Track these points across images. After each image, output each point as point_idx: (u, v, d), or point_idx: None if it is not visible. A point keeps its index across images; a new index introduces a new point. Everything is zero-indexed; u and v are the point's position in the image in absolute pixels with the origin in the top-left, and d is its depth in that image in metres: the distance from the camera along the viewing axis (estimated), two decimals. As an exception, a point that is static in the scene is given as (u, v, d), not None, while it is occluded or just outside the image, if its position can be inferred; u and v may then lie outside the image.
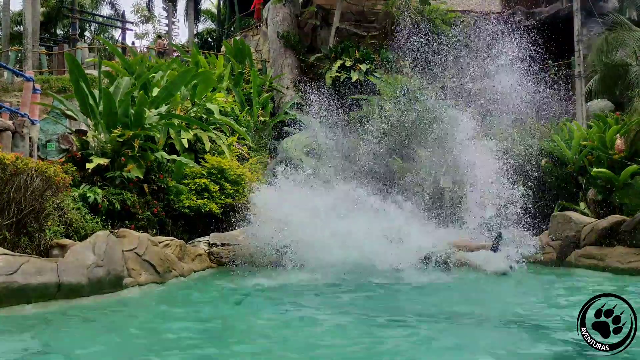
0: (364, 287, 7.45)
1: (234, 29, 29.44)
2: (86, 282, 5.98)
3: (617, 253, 7.53)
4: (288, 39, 21.07)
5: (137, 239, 7.36)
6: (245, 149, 13.82)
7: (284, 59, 20.86)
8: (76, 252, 6.21)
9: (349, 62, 19.33)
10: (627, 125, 9.43)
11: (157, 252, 7.56)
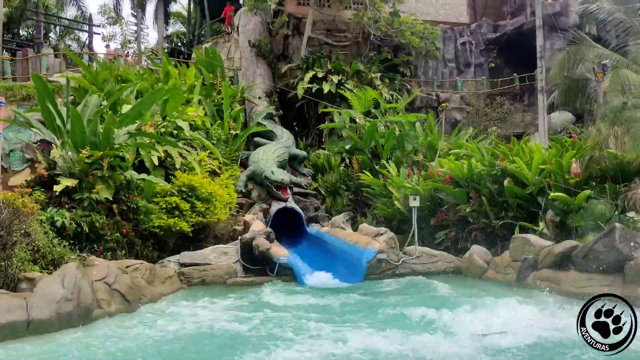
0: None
1: (204, 34, 29.31)
2: (56, 317, 6.01)
3: (570, 277, 7.91)
4: (260, 47, 21.14)
5: (107, 268, 7.40)
6: (216, 163, 13.89)
7: (256, 68, 20.92)
8: (45, 286, 6.23)
9: (320, 73, 19.50)
10: (582, 150, 9.87)
11: (126, 280, 7.61)
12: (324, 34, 22.09)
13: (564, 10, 22.72)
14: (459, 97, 22.73)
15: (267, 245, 10.56)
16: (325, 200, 15.95)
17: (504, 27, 24.54)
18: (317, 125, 19.65)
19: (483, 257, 10.18)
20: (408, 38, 21.11)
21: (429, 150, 16.01)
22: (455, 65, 24.32)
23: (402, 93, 21.26)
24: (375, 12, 21.28)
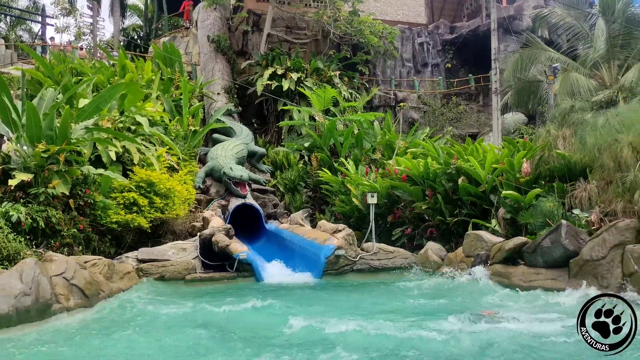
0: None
1: (162, 28, 28.85)
2: (14, 312, 5.91)
3: (519, 272, 8.28)
4: (219, 43, 20.98)
5: (65, 263, 7.29)
6: (175, 159, 13.77)
7: (215, 64, 20.75)
8: (3, 280, 6.10)
9: (280, 71, 19.54)
10: (533, 150, 10.30)
11: (85, 276, 7.51)
12: (283, 31, 22.14)
13: (518, 13, 23.51)
14: (416, 97, 23.20)
15: (226, 241, 10.56)
16: (284, 197, 16.04)
17: (461, 29, 25.18)
18: (276, 123, 19.69)
19: (438, 253, 10.48)
20: (367, 37, 21.38)
21: (387, 149, 16.31)
22: (413, 65, 24.81)
23: (360, 92, 21.54)
24: (334, 11, 21.48)
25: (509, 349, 4.94)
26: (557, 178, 9.73)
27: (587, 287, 7.09)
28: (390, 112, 20.32)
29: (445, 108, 22.59)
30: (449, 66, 25.22)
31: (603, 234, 7.42)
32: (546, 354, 4.75)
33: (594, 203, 8.53)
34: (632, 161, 8.24)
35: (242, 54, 21.96)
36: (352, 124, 17.40)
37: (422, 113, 22.79)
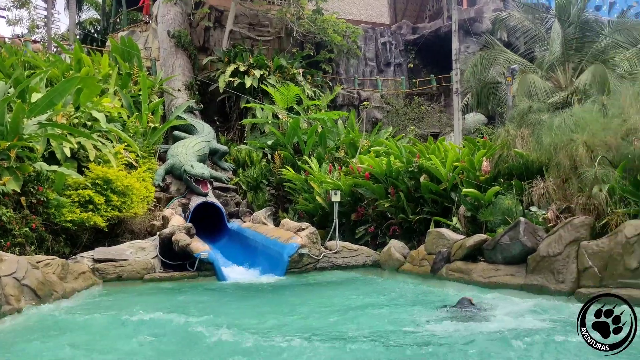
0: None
1: (120, 22, 28.16)
2: (-39, 313, 5.65)
3: (480, 268, 8.40)
4: (179, 38, 20.60)
5: (16, 263, 6.98)
6: (133, 156, 13.43)
7: (175, 60, 20.37)
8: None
9: (242, 67, 19.33)
10: (492, 149, 10.47)
11: (37, 276, 7.22)
12: (246, 28, 21.94)
13: (478, 16, 23.94)
14: (379, 96, 23.35)
15: (187, 240, 10.36)
16: (247, 195, 15.86)
17: (423, 30, 25.46)
18: (239, 120, 19.48)
19: (400, 251, 10.54)
20: (330, 36, 21.40)
21: (350, 147, 16.32)
22: (376, 65, 24.96)
23: (324, 90, 21.53)
24: (298, 9, 21.41)
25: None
26: (516, 176, 9.91)
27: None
28: (353, 111, 20.39)
29: (408, 108, 22.81)
30: (411, 66, 25.49)
31: (559, 231, 7.57)
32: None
33: (551, 200, 8.71)
34: (586, 160, 8.45)
35: (204, 50, 21.64)
36: (315, 122, 17.35)
37: (385, 112, 22.96)
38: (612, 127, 8.50)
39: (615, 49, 16.95)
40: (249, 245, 12.34)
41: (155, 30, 22.16)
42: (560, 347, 4.67)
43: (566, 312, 6.16)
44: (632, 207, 7.53)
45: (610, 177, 7.83)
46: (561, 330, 5.27)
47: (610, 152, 8.41)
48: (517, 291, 7.52)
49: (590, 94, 14.03)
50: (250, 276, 10.30)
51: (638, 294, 6.21)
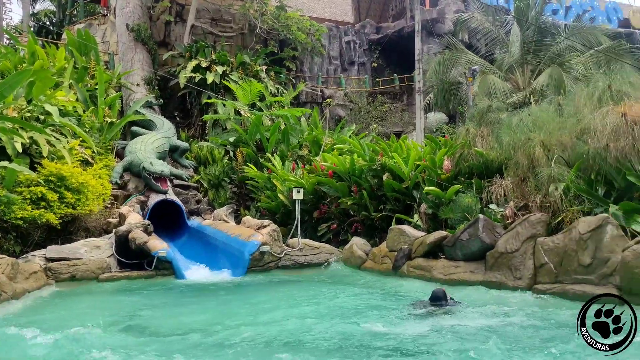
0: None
1: (77, 14, 27.32)
2: None
3: (440, 265, 8.47)
4: (139, 32, 20.11)
5: (-40, 262, 6.65)
6: (89, 152, 13.03)
7: (134, 54, 19.88)
8: None
9: (204, 63, 19.03)
10: (453, 148, 10.58)
11: (-17, 276, 6.90)
12: (208, 23, 21.62)
13: (441, 17, 24.23)
14: (343, 94, 23.38)
15: (144, 238, 10.09)
16: (208, 193, 15.62)
17: (386, 29, 25.62)
18: (200, 116, 19.17)
19: (362, 248, 10.53)
20: (294, 33, 21.29)
21: (314, 145, 16.28)
22: (340, 63, 24.97)
23: (287, 87, 21.42)
24: (261, 5, 21.23)
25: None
26: (476, 174, 10.04)
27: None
28: (317, 108, 20.33)
29: (371, 106, 22.92)
30: (375, 65, 25.61)
31: (517, 228, 7.69)
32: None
33: (509, 198, 8.85)
34: (543, 159, 8.61)
35: (164, 45, 21.21)
36: (278, 119, 17.24)
37: (349, 110, 23.01)
38: (568, 127, 8.70)
39: (571, 52, 17.41)
40: (210, 244, 12.14)
41: (114, 23, 21.58)
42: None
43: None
44: (586, 204, 7.71)
45: (565, 176, 8.01)
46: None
47: (566, 151, 8.59)
48: (476, 287, 7.58)
49: (547, 95, 14.35)
50: (210, 275, 10.11)
51: (591, 290, 6.34)
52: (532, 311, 6.11)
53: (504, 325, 5.44)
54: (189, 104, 19.85)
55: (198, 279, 9.76)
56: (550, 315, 5.88)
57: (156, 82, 19.66)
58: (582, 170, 8.21)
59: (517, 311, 6.07)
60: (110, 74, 18.01)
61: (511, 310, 6.12)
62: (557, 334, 5.05)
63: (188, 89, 19.04)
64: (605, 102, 8.43)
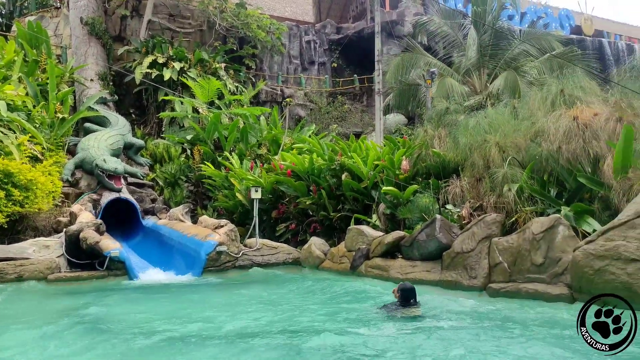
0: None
1: (28, 6, 26.32)
2: None
3: (397, 265, 8.53)
4: (93, 26, 19.52)
5: None
6: (39, 149, 12.54)
7: (88, 48, 19.28)
8: None
9: (161, 59, 18.62)
10: (411, 148, 10.68)
11: None
12: (166, 19, 21.18)
13: (400, 19, 24.48)
14: (303, 94, 23.32)
15: (96, 237, 9.78)
16: (164, 191, 15.28)
17: (347, 30, 25.71)
18: (156, 114, 18.75)
19: (321, 248, 10.51)
20: (254, 31, 21.11)
21: (273, 144, 16.16)
22: (300, 63, 24.91)
23: (247, 86, 21.21)
24: (221, 2, 20.95)
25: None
26: (433, 175, 10.15)
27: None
28: (276, 107, 20.20)
29: (331, 107, 22.95)
30: (335, 65, 25.66)
31: (472, 228, 7.79)
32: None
33: (465, 199, 8.97)
34: (498, 160, 8.77)
35: (120, 40, 20.66)
36: (237, 117, 17.03)
37: (309, 110, 22.97)
38: (522, 129, 8.89)
39: (526, 56, 17.87)
40: (165, 243, 11.87)
41: (67, 16, 20.91)
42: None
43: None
44: (539, 205, 7.89)
45: (519, 177, 8.17)
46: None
47: (520, 153, 8.78)
48: (433, 287, 7.65)
49: (502, 98, 14.67)
50: (165, 275, 9.88)
51: (543, 289, 6.49)
52: (485, 310, 6.19)
53: (454, 328, 5.47)
54: (145, 100, 19.39)
55: (152, 279, 9.53)
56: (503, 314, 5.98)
57: (111, 78, 19.14)
58: (535, 172, 8.40)
59: (470, 312, 6.13)
60: (62, 68, 17.42)
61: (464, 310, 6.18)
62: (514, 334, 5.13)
63: (144, 86, 18.59)
64: (558, 105, 8.66)
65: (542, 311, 5.92)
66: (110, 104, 18.33)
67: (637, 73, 9.00)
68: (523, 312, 5.96)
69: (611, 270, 5.73)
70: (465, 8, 25.48)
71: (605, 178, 7.44)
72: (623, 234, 5.82)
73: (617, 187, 7.14)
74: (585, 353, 4.21)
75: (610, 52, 26.29)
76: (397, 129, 20.92)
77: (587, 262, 6.01)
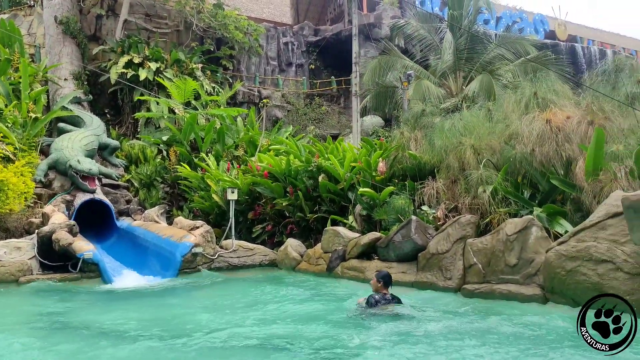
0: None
1: (1, 4, 25.79)
2: None
3: (373, 266, 8.55)
4: (68, 25, 19.18)
5: None
6: (10, 149, 12.28)
7: (62, 47, 18.94)
8: None
9: (137, 59, 18.39)
10: (388, 150, 10.75)
11: None
12: (142, 19, 20.94)
13: (378, 22, 24.59)
14: (280, 95, 23.27)
15: (69, 239, 9.61)
16: (139, 192, 15.10)
17: (324, 32, 25.74)
18: (132, 114, 18.51)
19: (297, 250, 10.50)
20: (231, 32, 21.00)
21: (250, 146, 16.10)
22: (278, 64, 24.85)
23: (224, 87, 21.09)
24: (198, 2, 20.80)
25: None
26: (409, 177, 10.22)
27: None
28: (253, 108, 20.12)
29: (309, 108, 22.95)
30: (313, 67, 25.67)
31: (447, 229, 7.87)
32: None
33: (441, 200, 9.06)
34: (473, 162, 8.88)
35: (95, 39, 20.35)
36: (214, 118, 16.92)
37: (286, 112, 22.94)
38: (497, 132, 9.01)
39: (501, 60, 18.13)
40: (140, 245, 11.72)
41: (41, 15, 20.53)
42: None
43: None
44: (513, 207, 8.00)
45: (494, 179, 8.28)
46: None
47: (495, 155, 8.90)
48: (408, 288, 7.69)
49: (478, 101, 14.85)
50: (139, 277, 9.75)
51: (516, 289, 6.58)
52: (459, 311, 6.25)
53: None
54: (120, 100, 19.14)
55: (126, 281, 9.40)
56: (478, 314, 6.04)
57: (85, 78, 18.84)
58: (509, 174, 8.52)
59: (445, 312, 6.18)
60: (35, 67, 17.11)
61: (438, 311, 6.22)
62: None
63: (120, 86, 18.35)
64: (531, 108, 8.80)
65: (514, 312, 6.00)
66: (85, 103, 18.05)
67: (609, 77, 9.21)
68: (496, 313, 6.03)
69: (582, 271, 5.84)
70: (442, 12, 25.72)
71: (577, 180, 7.59)
72: (594, 235, 5.94)
73: (588, 189, 7.29)
74: (560, 352, 4.27)
75: (583, 56, 26.82)
76: (374, 130, 21.01)
77: (559, 263, 6.11)
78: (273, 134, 17.72)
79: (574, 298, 5.96)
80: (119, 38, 19.49)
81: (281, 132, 18.08)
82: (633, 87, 8.38)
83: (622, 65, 9.67)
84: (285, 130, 18.36)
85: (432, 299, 6.98)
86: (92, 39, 20.25)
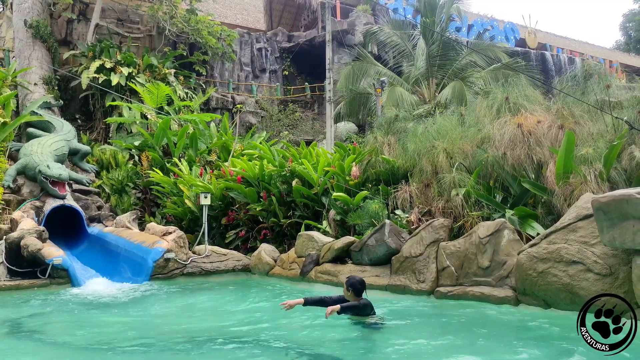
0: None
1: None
2: None
3: (347, 270, 8.53)
4: (38, 29, 18.81)
5: None
6: (-24, 154, 11.97)
7: (32, 51, 18.57)
8: None
9: (109, 64, 18.14)
10: (361, 155, 10.79)
11: None
12: (114, 23, 20.72)
13: (351, 28, 24.76)
14: (254, 101, 23.21)
15: (37, 245, 9.39)
16: (110, 198, 14.84)
17: (298, 38, 25.81)
18: (103, 119, 18.23)
19: (271, 255, 10.43)
20: (205, 37, 20.89)
21: (223, 151, 15.99)
22: (251, 70, 24.83)
23: (197, 92, 20.95)
24: (171, 7, 20.66)
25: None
26: (383, 181, 10.28)
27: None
28: (227, 114, 20.02)
29: (282, 114, 22.93)
30: (287, 73, 25.70)
31: (421, 232, 7.92)
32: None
33: (414, 204, 9.12)
34: (446, 166, 8.98)
35: (66, 44, 20.04)
36: (187, 123, 16.76)
37: (260, 118, 22.88)
38: (469, 136, 9.14)
39: (473, 67, 18.41)
40: (111, 251, 11.50)
41: (10, 18, 20.14)
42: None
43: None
44: (485, 210, 8.11)
45: (466, 182, 8.38)
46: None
47: (467, 159, 9.01)
48: (382, 292, 7.70)
49: (450, 107, 15.04)
50: (110, 283, 9.57)
51: (489, 291, 6.65)
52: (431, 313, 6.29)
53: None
54: (92, 105, 18.84)
55: (96, 287, 9.21)
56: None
57: (56, 82, 18.50)
58: (481, 177, 8.64)
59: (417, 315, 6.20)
60: (4, 71, 16.73)
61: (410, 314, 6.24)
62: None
63: (91, 90, 18.07)
64: (503, 113, 8.94)
65: (487, 313, 6.06)
66: (55, 108, 17.69)
67: (578, 83, 9.43)
68: (468, 315, 6.08)
69: (553, 272, 5.94)
70: (415, 19, 26.00)
71: (548, 183, 7.73)
72: (565, 237, 6.04)
73: (559, 192, 7.43)
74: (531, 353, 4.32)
75: (553, 64, 27.44)
76: (348, 136, 21.09)
77: (530, 264, 6.20)
78: (247, 139, 17.64)
79: (545, 299, 6.05)
80: (91, 42, 19.22)
81: (255, 138, 18.01)
82: (602, 92, 8.59)
83: (591, 70, 9.91)
84: (259, 136, 18.30)
85: (405, 302, 7.00)
86: (63, 44, 19.94)
